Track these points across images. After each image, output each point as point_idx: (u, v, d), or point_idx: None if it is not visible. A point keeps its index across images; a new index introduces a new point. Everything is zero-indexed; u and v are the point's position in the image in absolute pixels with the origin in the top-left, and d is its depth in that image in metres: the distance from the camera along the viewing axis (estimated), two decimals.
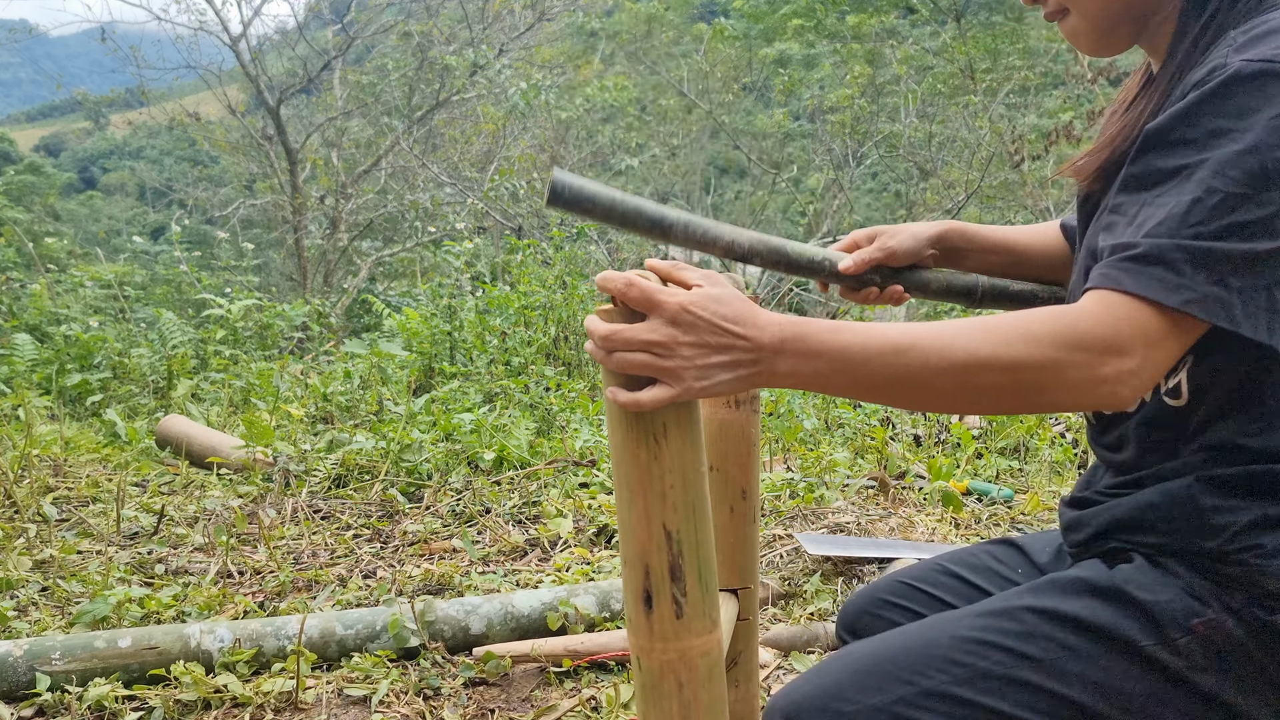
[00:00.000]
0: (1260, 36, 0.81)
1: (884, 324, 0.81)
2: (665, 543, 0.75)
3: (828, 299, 8.40)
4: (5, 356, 5.20)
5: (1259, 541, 0.87)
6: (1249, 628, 0.87)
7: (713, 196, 13.62)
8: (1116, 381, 0.78)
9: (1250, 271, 0.76)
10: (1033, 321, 0.78)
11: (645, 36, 13.58)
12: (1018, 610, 0.92)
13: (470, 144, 12.21)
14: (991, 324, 0.79)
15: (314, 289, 10.93)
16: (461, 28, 12.02)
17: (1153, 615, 0.89)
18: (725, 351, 0.77)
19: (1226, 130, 0.77)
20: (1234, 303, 0.76)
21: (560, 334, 5.19)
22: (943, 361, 0.78)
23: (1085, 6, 0.95)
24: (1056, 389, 0.79)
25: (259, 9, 12.47)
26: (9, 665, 1.96)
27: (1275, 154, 0.75)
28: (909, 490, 3.34)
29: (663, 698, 0.77)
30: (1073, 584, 0.93)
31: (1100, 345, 0.77)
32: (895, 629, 0.98)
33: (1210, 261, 0.76)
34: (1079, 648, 0.89)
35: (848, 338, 0.79)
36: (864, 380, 0.80)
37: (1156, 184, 0.80)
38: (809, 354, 0.79)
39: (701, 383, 0.77)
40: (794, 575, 2.62)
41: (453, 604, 2.26)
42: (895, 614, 1.16)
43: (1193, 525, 0.90)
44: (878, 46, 11.75)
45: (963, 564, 1.18)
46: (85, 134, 53.58)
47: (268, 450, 3.57)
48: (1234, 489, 0.89)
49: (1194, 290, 0.76)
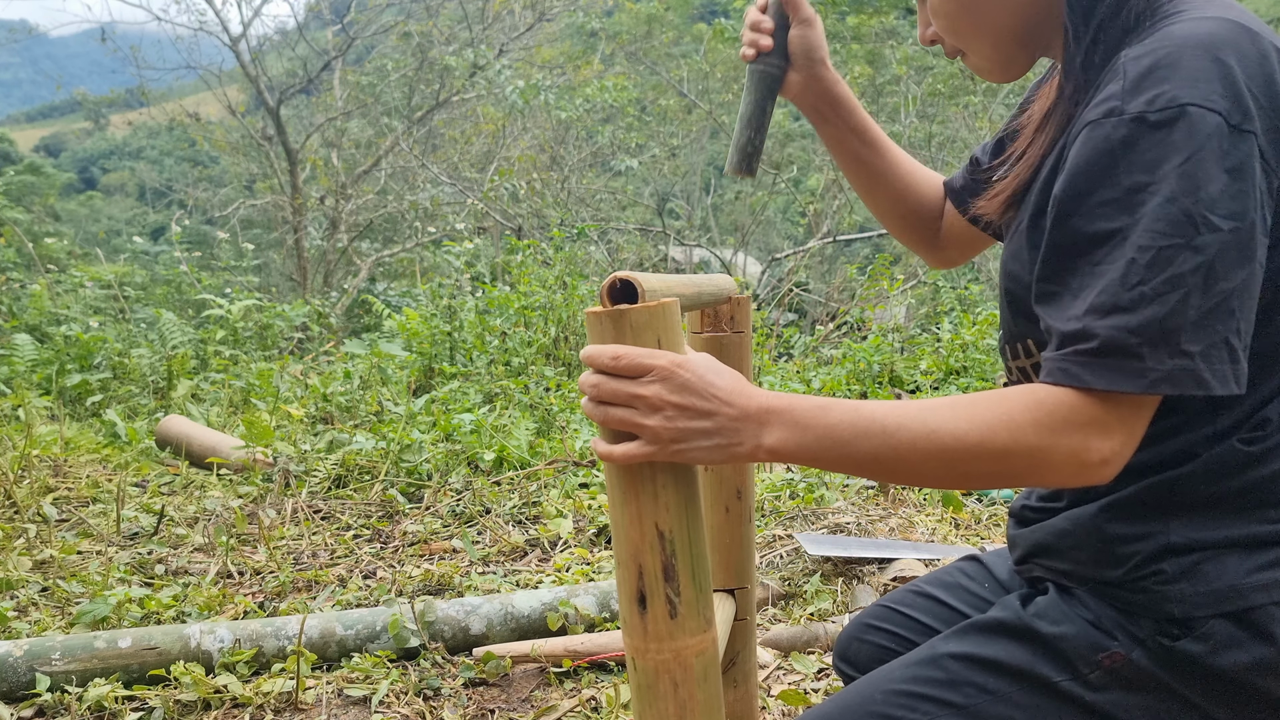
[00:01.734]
0: (1148, 73, 0.79)
1: (874, 403, 0.81)
2: (658, 543, 0.75)
3: (826, 299, 8.40)
4: (5, 357, 5.20)
5: (1161, 567, 0.89)
6: (1156, 656, 0.88)
7: (712, 197, 13.62)
8: (1101, 463, 0.79)
9: (1205, 329, 0.76)
10: (1013, 407, 0.79)
11: (645, 37, 13.57)
12: (941, 658, 0.96)
13: (470, 144, 12.21)
14: (978, 410, 0.79)
15: (314, 289, 10.93)
16: (461, 28, 12.02)
17: (1062, 651, 0.92)
18: (708, 418, 0.77)
19: (1144, 185, 0.77)
20: (1199, 368, 0.76)
21: (560, 334, 5.19)
22: (930, 446, 0.79)
23: (975, 47, 0.98)
24: (1046, 472, 0.80)
25: (259, 9, 12.48)
26: (9, 665, 1.97)
27: (1193, 199, 0.75)
28: (909, 491, 3.34)
29: (658, 698, 0.78)
30: (989, 626, 0.97)
31: (1082, 431, 0.78)
32: (832, 697, 1.01)
33: (1165, 336, 0.76)
34: (999, 690, 0.93)
35: (836, 416, 0.80)
36: (851, 459, 0.80)
37: (1089, 250, 0.80)
38: (796, 427, 0.79)
39: (677, 445, 0.76)
40: (794, 576, 2.62)
41: (453, 604, 2.26)
42: (880, 637, 1.20)
43: (1099, 555, 0.93)
44: (877, 47, 11.75)
45: (937, 584, 1.22)
46: (85, 134, 53.58)
47: (268, 450, 3.57)
48: (1135, 511, 0.91)
49: (1158, 370, 0.76)
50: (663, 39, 13.57)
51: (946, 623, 1.13)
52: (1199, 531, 0.88)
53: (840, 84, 1.19)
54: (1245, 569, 0.86)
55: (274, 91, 11.69)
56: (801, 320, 8.73)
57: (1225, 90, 0.77)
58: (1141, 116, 0.77)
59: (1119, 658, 0.89)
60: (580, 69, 13.15)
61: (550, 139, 11.61)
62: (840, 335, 6.36)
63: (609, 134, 11.61)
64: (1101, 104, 0.80)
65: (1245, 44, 0.80)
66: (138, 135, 38.98)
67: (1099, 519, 0.92)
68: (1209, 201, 0.76)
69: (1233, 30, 0.80)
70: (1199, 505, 0.89)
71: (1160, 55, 0.80)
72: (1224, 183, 0.76)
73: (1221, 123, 0.77)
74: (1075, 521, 0.95)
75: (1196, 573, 0.87)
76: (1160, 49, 0.80)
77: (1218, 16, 0.82)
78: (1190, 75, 0.78)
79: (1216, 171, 0.76)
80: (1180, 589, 0.87)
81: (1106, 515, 0.92)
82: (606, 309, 0.77)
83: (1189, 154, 0.76)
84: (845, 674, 1.25)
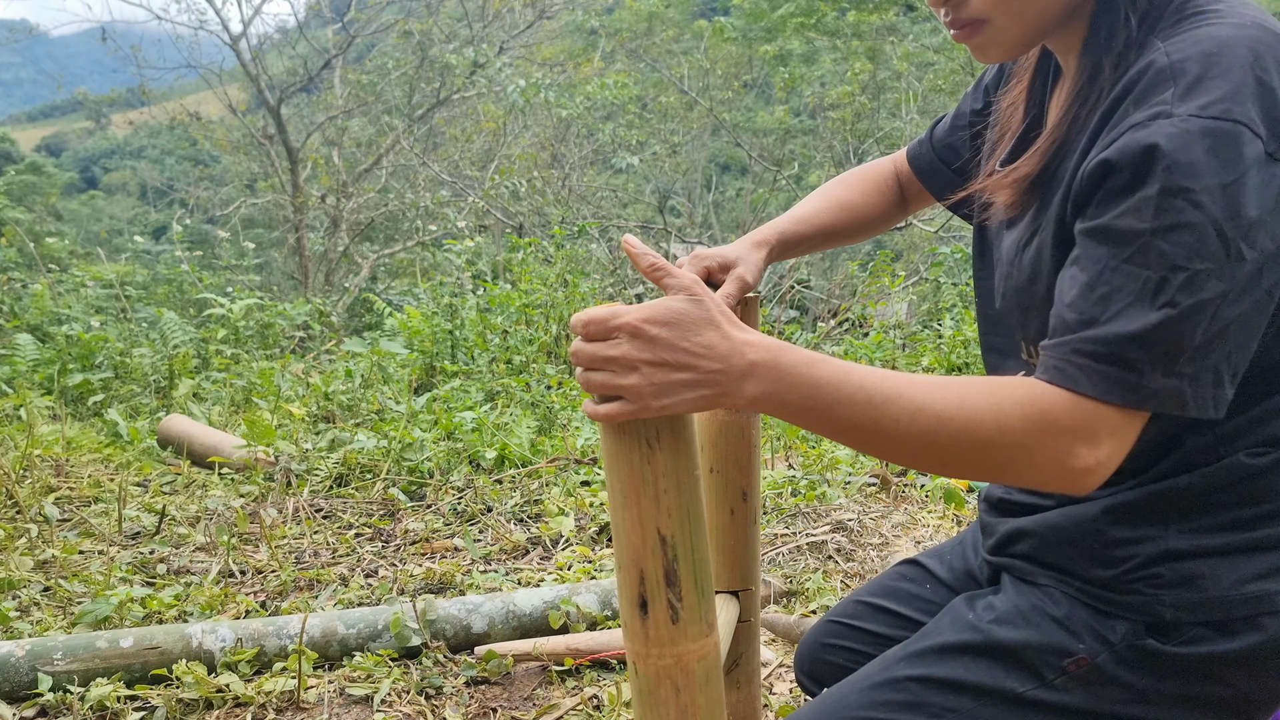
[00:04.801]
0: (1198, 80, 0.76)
1: (864, 368, 0.77)
2: (660, 548, 0.74)
3: (828, 295, 8.39)
4: (7, 356, 5.20)
5: (1157, 572, 0.88)
6: (1123, 660, 0.89)
7: (714, 194, 13.61)
8: (1084, 472, 0.76)
9: (1202, 354, 0.75)
10: (1005, 400, 0.76)
11: (645, 34, 13.55)
12: (901, 681, 0.95)
13: (471, 142, 12.20)
14: (969, 395, 0.76)
15: (315, 288, 10.93)
16: (461, 26, 12.01)
17: (1026, 661, 0.92)
18: (684, 370, 0.74)
19: (1187, 190, 0.74)
20: (1185, 390, 0.75)
21: (561, 332, 5.19)
22: (913, 425, 0.76)
23: (1018, 7, 0.86)
24: (1025, 471, 0.77)
25: (259, 8, 12.47)
26: (11, 665, 1.97)
27: (1233, 224, 0.73)
28: (911, 488, 3.34)
29: (659, 703, 0.77)
30: (947, 648, 0.96)
31: (1070, 435, 0.75)
32: (798, 710, 1.01)
33: (1168, 356, 0.74)
34: (962, 708, 0.92)
35: (823, 374, 0.76)
36: (831, 421, 0.77)
37: (1120, 247, 0.76)
38: (779, 383, 0.76)
39: (660, 400, 0.74)
40: (796, 574, 2.62)
41: (454, 603, 2.26)
42: (836, 655, 1.20)
43: (1093, 554, 0.92)
44: (878, 43, 11.73)
45: (880, 594, 1.22)
46: (86, 134, 53.58)
47: (269, 449, 3.57)
48: (1137, 514, 0.90)
49: (1150, 387, 0.75)
50: (663, 36, 13.56)
51: (903, 630, 1.13)
52: (1199, 539, 0.88)
53: (774, 246, 1.19)
54: (1239, 578, 0.87)
55: (275, 90, 11.68)
56: (803, 317, 8.72)
57: (1264, 115, 0.75)
58: (1195, 120, 0.75)
59: (1084, 662, 0.90)
60: (581, 66, 13.14)
61: (551, 137, 11.61)
62: (842, 332, 6.36)
63: (610, 131, 11.60)
64: (1150, 108, 0.77)
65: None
66: (139, 134, 38.95)
67: (1100, 520, 0.92)
68: (1244, 229, 0.74)
69: (1274, 46, 0.78)
70: (1200, 512, 0.88)
71: (1208, 62, 0.77)
72: (1259, 212, 0.74)
73: (1262, 149, 0.75)
74: (1073, 519, 0.94)
75: (1194, 579, 0.87)
76: (1206, 52, 0.78)
77: (1257, 23, 0.79)
78: (1237, 91, 0.75)
79: (1256, 199, 0.74)
80: (1177, 595, 0.87)
81: (1109, 517, 0.91)
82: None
83: (1236, 176, 0.74)
84: (808, 689, 1.27)
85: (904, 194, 1.29)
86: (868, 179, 1.29)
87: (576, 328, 0.77)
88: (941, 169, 1.22)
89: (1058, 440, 0.75)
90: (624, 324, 0.74)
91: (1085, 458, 0.76)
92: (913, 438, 0.76)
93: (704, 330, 0.75)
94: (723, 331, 0.76)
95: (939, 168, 1.22)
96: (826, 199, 1.27)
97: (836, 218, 1.26)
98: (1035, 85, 1.03)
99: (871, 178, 1.29)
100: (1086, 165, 0.81)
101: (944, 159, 1.22)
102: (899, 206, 1.30)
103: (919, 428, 0.76)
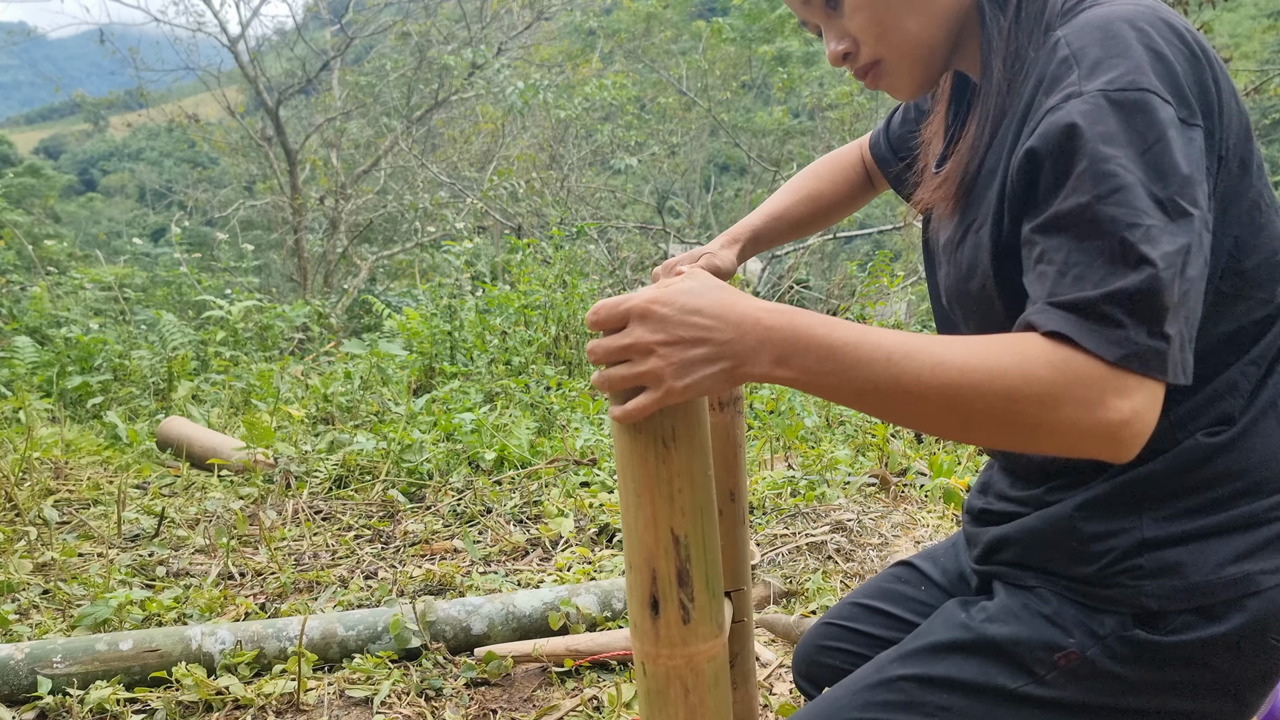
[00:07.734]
0: (1100, 59, 0.78)
1: (881, 329, 0.74)
2: (673, 547, 0.74)
3: (827, 295, 8.39)
4: (6, 359, 5.19)
5: (1137, 563, 0.88)
6: (1113, 653, 0.89)
7: (712, 194, 13.61)
8: (1121, 425, 0.71)
9: (1176, 314, 0.73)
10: (1029, 347, 0.73)
11: (644, 35, 13.56)
12: (895, 681, 0.96)
13: (469, 143, 12.20)
14: (991, 346, 0.74)
15: (314, 290, 10.93)
16: (460, 27, 12.01)
17: (1016, 656, 0.92)
18: (699, 345, 0.73)
19: (1112, 157, 0.74)
20: (1166, 352, 0.73)
21: (560, 333, 5.18)
22: (935, 378, 0.72)
23: (894, 39, 0.91)
24: (1055, 427, 0.72)
25: (257, 10, 12.48)
26: (10, 668, 1.96)
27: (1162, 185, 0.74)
28: (910, 487, 3.34)
29: (668, 703, 0.77)
30: (939, 646, 0.97)
31: (1099, 385, 0.71)
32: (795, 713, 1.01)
33: (1152, 316, 0.72)
34: (956, 706, 0.93)
35: (841, 335, 0.73)
36: (850, 384, 0.74)
37: (1072, 225, 0.75)
38: (795, 348, 0.73)
39: (683, 380, 0.72)
40: (796, 574, 2.61)
41: (454, 604, 2.25)
42: (833, 657, 1.22)
43: (1071, 552, 0.92)
44: None
45: (874, 595, 1.23)
46: (85, 136, 53.61)
47: (268, 451, 3.56)
48: (1109, 507, 0.90)
49: (1136, 343, 0.72)
50: (661, 36, 13.56)
51: (897, 632, 1.15)
52: (1172, 525, 0.88)
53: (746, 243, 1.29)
54: (1219, 561, 0.87)
55: (273, 92, 11.68)
56: None
57: (1168, 84, 0.77)
58: (1103, 93, 0.76)
59: (1074, 657, 0.90)
60: (579, 67, 13.14)
61: (549, 138, 11.60)
62: None
63: (608, 132, 11.60)
64: (1061, 92, 0.79)
65: (1175, 41, 0.80)
66: (137, 137, 38.97)
67: (1074, 517, 0.92)
68: (1179, 186, 0.74)
69: (1159, 23, 0.81)
70: (1169, 499, 0.89)
71: (1106, 42, 0.79)
72: (1190, 169, 0.75)
73: (1174, 113, 0.77)
74: (1048, 520, 0.95)
75: (1174, 567, 0.87)
76: (1102, 34, 0.80)
77: (1139, 3, 0.82)
78: (1138, 64, 0.77)
79: (1184, 157, 0.75)
80: (1159, 584, 0.88)
81: (1082, 514, 0.92)
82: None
83: (1155, 138, 0.75)
84: (807, 692, 1.27)
85: (870, 178, 1.36)
86: (836, 168, 1.36)
87: (591, 321, 0.76)
88: (895, 161, 1.27)
89: (1086, 389, 0.71)
90: (633, 306, 0.74)
91: (1120, 408, 0.71)
92: (934, 393, 0.72)
93: (710, 297, 0.74)
94: (730, 299, 0.75)
95: (893, 160, 1.28)
96: (796, 193, 1.35)
97: (807, 209, 1.35)
98: (951, 113, 1.07)
99: (841, 166, 1.36)
100: (1015, 158, 0.82)
101: (898, 151, 1.26)
102: (866, 190, 1.37)
103: (940, 380, 0.72)
